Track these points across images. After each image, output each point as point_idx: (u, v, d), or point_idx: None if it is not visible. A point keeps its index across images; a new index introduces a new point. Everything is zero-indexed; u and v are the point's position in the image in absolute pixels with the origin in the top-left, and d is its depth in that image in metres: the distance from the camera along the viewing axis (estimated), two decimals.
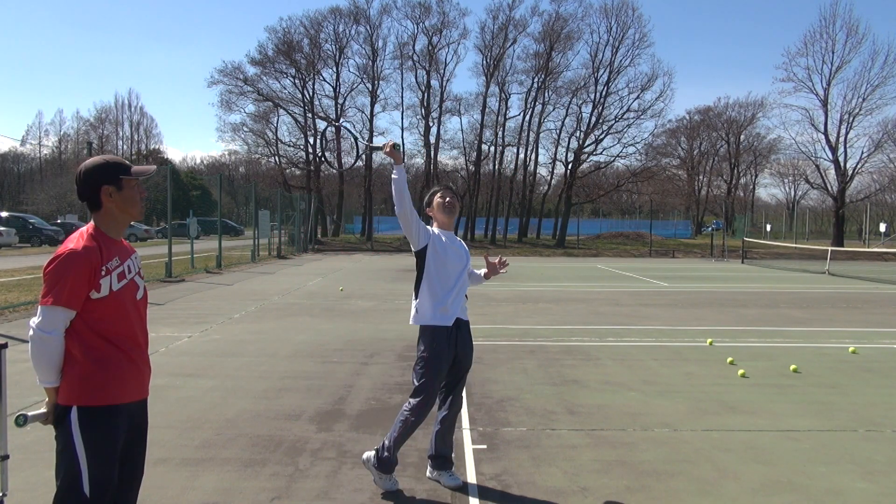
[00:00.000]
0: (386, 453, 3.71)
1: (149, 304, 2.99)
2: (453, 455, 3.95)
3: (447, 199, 3.91)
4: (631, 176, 46.06)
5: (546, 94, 43.88)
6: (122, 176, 2.47)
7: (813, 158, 41.34)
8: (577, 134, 44.66)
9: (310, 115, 44.44)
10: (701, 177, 64.06)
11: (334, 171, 44.25)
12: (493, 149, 45.55)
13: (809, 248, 30.57)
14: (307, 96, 44.31)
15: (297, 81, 44.13)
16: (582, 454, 4.34)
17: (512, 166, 46.59)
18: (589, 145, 44.38)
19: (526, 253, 35.20)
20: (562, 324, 9.95)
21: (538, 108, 44.28)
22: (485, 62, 43.97)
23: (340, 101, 44.80)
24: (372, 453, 3.78)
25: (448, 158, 49.57)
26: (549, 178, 50.47)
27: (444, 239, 3.83)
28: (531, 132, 44.90)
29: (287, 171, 46.20)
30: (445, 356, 3.74)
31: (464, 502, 3.63)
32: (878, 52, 57.84)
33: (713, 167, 63.76)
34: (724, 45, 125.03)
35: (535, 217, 49.83)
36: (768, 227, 52.21)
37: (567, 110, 44.61)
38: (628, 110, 43.40)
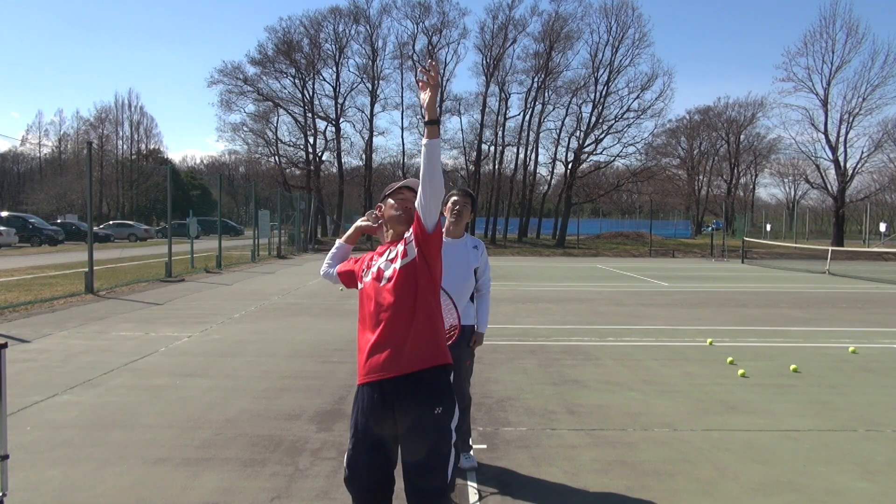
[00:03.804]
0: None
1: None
2: (471, 439, 4.18)
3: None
4: (631, 176, 46.05)
5: (546, 94, 43.87)
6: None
7: (813, 158, 41.27)
8: (577, 134, 44.67)
9: (310, 114, 44.46)
10: (701, 177, 64.05)
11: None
12: (493, 149, 45.55)
13: (809, 247, 30.55)
14: (307, 96, 44.30)
15: (297, 81, 44.14)
16: (582, 454, 4.34)
17: (512, 166, 46.61)
18: (589, 145, 44.39)
19: (526, 253, 35.20)
20: (562, 324, 9.95)
21: (538, 107, 44.28)
22: (485, 62, 43.96)
23: (340, 100, 44.81)
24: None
25: (448, 158, 49.44)
26: (549, 177, 50.50)
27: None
28: (531, 132, 44.91)
29: (287, 170, 46.19)
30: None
31: (464, 502, 3.63)
32: (878, 52, 57.75)
33: (713, 167, 63.73)
34: (723, 44, 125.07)
35: (535, 217, 49.79)
36: (768, 227, 52.20)
37: (567, 110, 44.61)
38: (628, 110, 43.41)
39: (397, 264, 2.59)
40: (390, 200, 2.78)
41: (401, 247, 2.63)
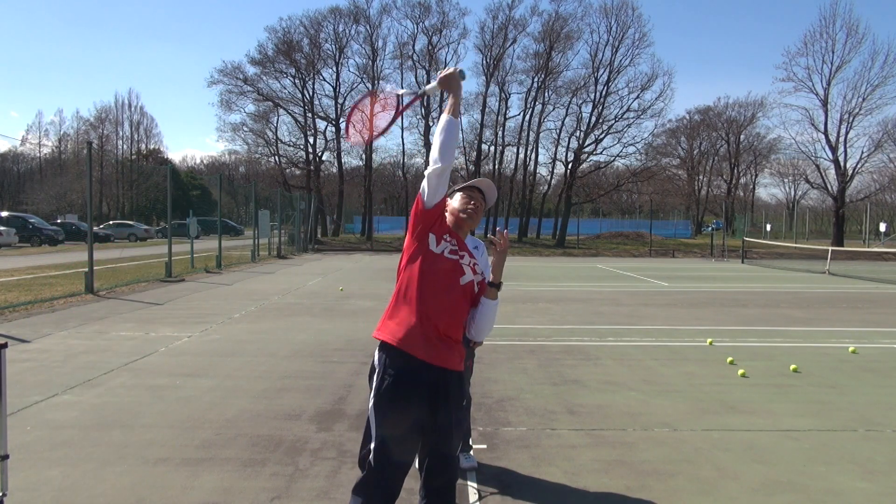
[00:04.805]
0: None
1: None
2: (471, 439, 4.24)
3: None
4: (631, 176, 46.08)
5: (546, 94, 43.91)
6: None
7: (813, 158, 41.33)
8: (577, 134, 44.71)
9: (310, 114, 44.46)
10: (701, 177, 64.10)
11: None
12: (493, 148, 45.61)
13: (809, 247, 30.55)
14: (307, 96, 44.33)
15: (297, 81, 44.16)
16: (582, 454, 4.34)
17: (512, 166, 46.66)
18: (589, 145, 44.42)
19: (526, 253, 35.19)
20: (562, 324, 9.95)
21: (538, 107, 44.33)
22: (485, 62, 44.03)
23: (340, 100, 44.82)
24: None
25: None
26: (549, 177, 50.57)
27: None
28: (531, 132, 44.95)
29: (287, 170, 46.20)
30: None
31: (464, 501, 3.63)
32: (878, 52, 58.01)
33: (713, 167, 63.80)
34: (723, 44, 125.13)
35: (535, 217, 49.82)
36: (768, 227, 52.22)
37: (567, 110, 44.67)
38: (628, 110, 43.46)
39: (476, 278, 2.69)
40: (460, 193, 2.82)
41: (479, 269, 2.73)
